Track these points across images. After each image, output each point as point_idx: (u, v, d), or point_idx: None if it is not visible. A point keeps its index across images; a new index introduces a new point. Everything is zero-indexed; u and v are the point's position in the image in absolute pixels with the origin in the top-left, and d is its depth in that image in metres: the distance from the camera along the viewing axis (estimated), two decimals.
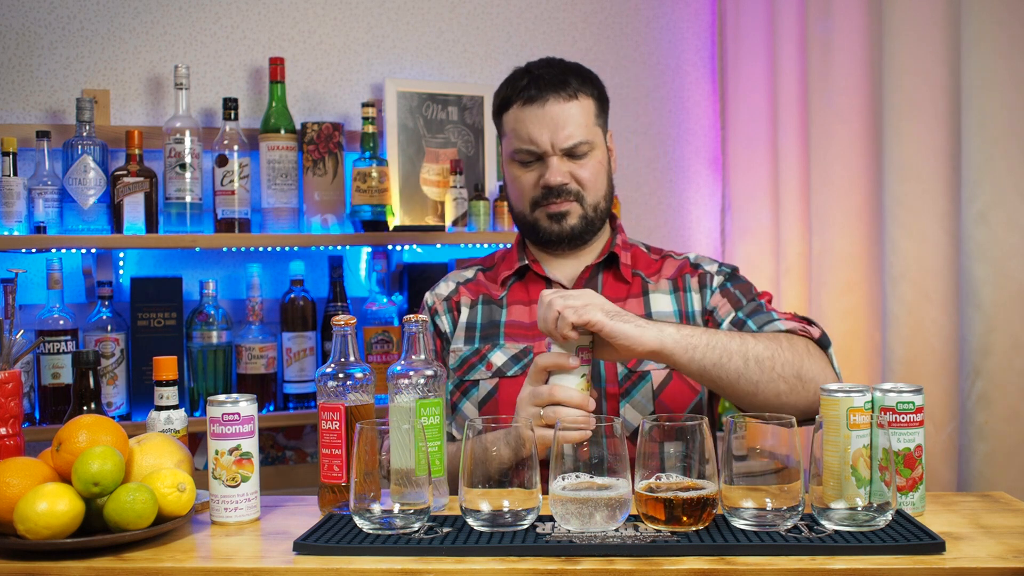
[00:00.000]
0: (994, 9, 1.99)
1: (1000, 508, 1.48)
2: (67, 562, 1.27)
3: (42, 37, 2.58)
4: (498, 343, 1.82)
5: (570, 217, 1.82)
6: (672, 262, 1.89)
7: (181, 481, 1.38)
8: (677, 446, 1.36)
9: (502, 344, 1.82)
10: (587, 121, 1.80)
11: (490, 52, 2.90)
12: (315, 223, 2.60)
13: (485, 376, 1.80)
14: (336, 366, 1.49)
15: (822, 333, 1.70)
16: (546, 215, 1.82)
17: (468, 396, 1.82)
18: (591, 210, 1.83)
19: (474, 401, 1.80)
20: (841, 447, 1.32)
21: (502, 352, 1.81)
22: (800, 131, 2.65)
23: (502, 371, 1.79)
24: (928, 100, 2.17)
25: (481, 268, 1.97)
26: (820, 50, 2.50)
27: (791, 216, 2.67)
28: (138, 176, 2.44)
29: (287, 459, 2.73)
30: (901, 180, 2.21)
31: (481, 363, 1.81)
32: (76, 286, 2.55)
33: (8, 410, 1.50)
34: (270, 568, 1.26)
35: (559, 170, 1.79)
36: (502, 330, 1.84)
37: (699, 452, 1.35)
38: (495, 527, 1.33)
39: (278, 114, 2.59)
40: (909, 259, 2.20)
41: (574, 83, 1.80)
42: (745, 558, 1.23)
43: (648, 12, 3.04)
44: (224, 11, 2.70)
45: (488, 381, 1.79)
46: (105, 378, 2.42)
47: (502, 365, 1.79)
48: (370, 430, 1.35)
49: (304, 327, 2.59)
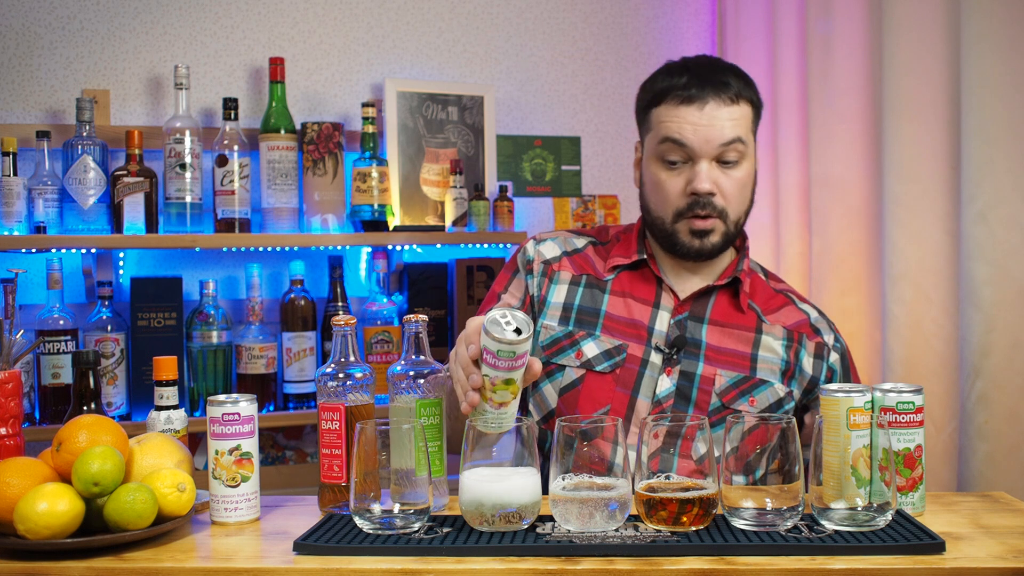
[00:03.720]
0: (994, 9, 1.99)
1: (1000, 508, 1.48)
2: (67, 562, 1.27)
3: (42, 37, 2.58)
4: (594, 333, 1.74)
5: (713, 235, 1.71)
6: (793, 312, 1.79)
7: (181, 481, 1.38)
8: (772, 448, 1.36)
9: (597, 335, 1.73)
10: (745, 127, 1.70)
11: (490, 52, 2.90)
12: (315, 223, 2.60)
13: (573, 364, 1.72)
14: (336, 366, 1.49)
15: None
16: (689, 229, 1.71)
17: (551, 379, 1.74)
18: (732, 226, 1.73)
19: (556, 386, 1.74)
20: (841, 447, 1.32)
21: (596, 344, 1.73)
22: (800, 131, 2.65)
23: (591, 364, 1.72)
24: (928, 100, 2.17)
25: (593, 241, 1.85)
26: (820, 50, 2.50)
27: (791, 216, 2.67)
28: (138, 176, 2.44)
29: (287, 459, 2.73)
30: (901, 180, 2.21)
31: (572, 348, 1.73)
32: (76, 286, 2.55)
33: (8, 410, 1.50)
34: (270, 568, 1.26)
35: (708, 176, 1.67)
36: (601, 320, 1.75)
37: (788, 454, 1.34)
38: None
39: (278, 114, 2.59)
40: (909, 259, 2.20)
41: (736, 85, 1.69)
42: (745, 558, 1.23)
43: (648, 12, 3.04)
44: (224, 11, 2.70)
45: (575, 370, 1.72)
46: (105, 378, 2.42)
47: (592, 358, 1.72)
48: (370, 430, 1.35)
49: (304, 327, 2.59)
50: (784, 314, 1.79)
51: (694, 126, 1.67)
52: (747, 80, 1.74)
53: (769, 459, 1.35)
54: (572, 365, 1.72)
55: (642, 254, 1.78)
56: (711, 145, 1.67)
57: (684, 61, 1.75)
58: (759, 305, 1.78)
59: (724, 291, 1.78)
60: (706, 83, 1.68)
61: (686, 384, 1.70)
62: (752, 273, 1.83)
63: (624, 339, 1.73)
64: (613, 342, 1.72)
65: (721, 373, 1.70)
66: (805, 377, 1.74)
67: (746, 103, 1.71)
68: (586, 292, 1.77)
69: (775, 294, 1.82)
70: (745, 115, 1.70)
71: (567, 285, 1.78)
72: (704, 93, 1.68)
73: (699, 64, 1.73)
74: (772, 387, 1.71)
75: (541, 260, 1.81)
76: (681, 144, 1.68)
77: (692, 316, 1.74)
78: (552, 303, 1.77)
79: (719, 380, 1.70)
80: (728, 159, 1.69)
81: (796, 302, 1.82)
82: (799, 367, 1.74)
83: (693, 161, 1.69)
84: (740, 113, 1.69)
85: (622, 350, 1.72)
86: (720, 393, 1.69)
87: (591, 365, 1.71)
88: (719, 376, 1.70)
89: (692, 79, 1.69)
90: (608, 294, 1.77)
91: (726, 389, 1.70)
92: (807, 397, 1.76)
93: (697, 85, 1.68)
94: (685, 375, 1.70)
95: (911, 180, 2.20)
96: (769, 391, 1.71)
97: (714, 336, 1.73)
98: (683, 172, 1.70)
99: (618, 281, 1.78)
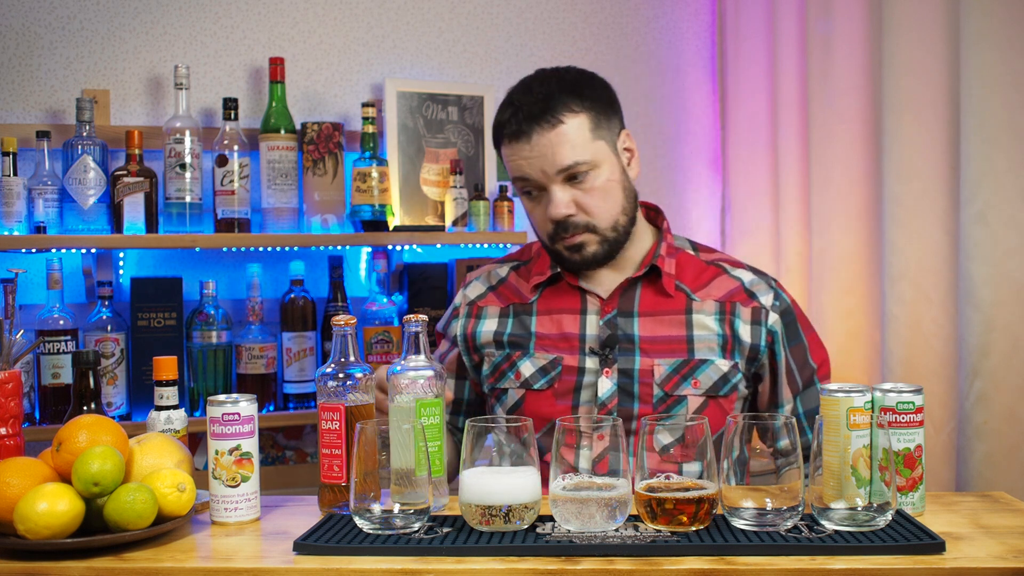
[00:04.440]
0: (993, 9, 1.99)
1: (1000, 508, 1.48)
2: (67, 562, 1.27)
3: (42, 37, 2.58)
4: (528, 352, 1.78)
5: (588, 247, 1.72)
6: (725, 281, 1.78)
7: (181, 481, 1.38)
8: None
9: (532, 354, 1.77)
10: (580, 141, 1.67)
11: (490, 52, 2.90)
12: (315, 223, 2.60)
13: (514, 385, 1.77)
14: (336, 366, 1.49)
15: None
16: (564, 248, 1.73)
17: (499, 402, 1.81)
18: (609, 232, 1.72)
19: (504, 408, 1.79)
20: (841, 447, 1.32)
21: (531, 362, 1.77)
22: (800, 131, 2.65)
23: (529, 383, 1.76)
24: (928, 100, 2.17)
25: (515, 264, 1.89)
26: (820, 50, 2.50)
27: (791, 216, 2.67)
28: (138, 176, 2.43)
29: (287, 459, 2.73)
30: (901, 180, 2.21)
31: (511, 371, 1.78)
32: (76, 286, 2.55)
33: (8, 410, 1.50)
34: (270, 568, 1.26)
35: (562, 201, 1.68)
36: (533, 340, 1.78)
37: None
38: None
39: (278, 114, 2.59)
40: (908, 259, 2.20)
41: (558, 106, 1.67)
42: (745, 558, 1.23)
43: (648, 12, 3.04)
44: (224, 11, 2.70)
45: (516, 391, 1.77)
46: (105, 378, 2.42)
47: (530, 376, 1.76)
48: (370, 430, 1.35)
49: (304, 327, 2.59)
50: (715, 286, 1.77)
51: (527, 160, 1.69)
52: (576, 87, 1.70)
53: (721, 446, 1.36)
54: (513, 387, 1.77)
55: (555, 268, 1.80)
56: (548, 175, 1.68)
57: (510, 95, 1.74)
58: (688, 284, 1.78)
59: (648, 280, 1.78)
60: (527, 116, 1.68)
61: (627, 381, 1.72)
62: (678, 251, 1.82)
63: (558, 352, 1.76)
64: (547, 357, 1.76)
65: (659, 363, 1.72)
66: (745, 346, 1.73)
67: (574, 115, 1.68)
68: (515, 321, 1.81)
69: (706, 267, 1.81)
70: (577, 128, 1.68)
71: (496, 318, 1.83)
72: (527, 127, 1.68)
73: (521, 92, 1.72)
74: (713, 364, 1.72)
75: (467, 303, 1.87)
76: (525, 177, 1.70)
77: (621, 312, 1.76)
78: (483, 332, 1.82)
79: (658, 370, 1.71)
80: (577, 175, 1.68)
81: (728, 270, 1.80)
82: (736, 337, 1.73)
83: (546, 187, 1.70)
84: (571, 130, 1.67)
85: (557, 364, 1.75)
86: (661, 383, 1.71)
87: (529, 384, 1.76)
88: (657, 366, 1.71)
89: (514, 114, 1.70)
90: (535, 315, 1.80)
91: (666, 377, 1.71)
92: (754, 365, 1.75)
93: (518, 120, 1.69)
94: (624, 372, 1.72)
95: (911, 180, 2.20)
96: (711, 369, 1.72)
97: (647, 327, 1.74)
98: (542, 199, 1.72)
99: (543, 300, 1.81)
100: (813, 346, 1.80)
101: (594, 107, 1.71)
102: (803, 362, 1.77)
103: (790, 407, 1.76)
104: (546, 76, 1.74)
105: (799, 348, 1.77)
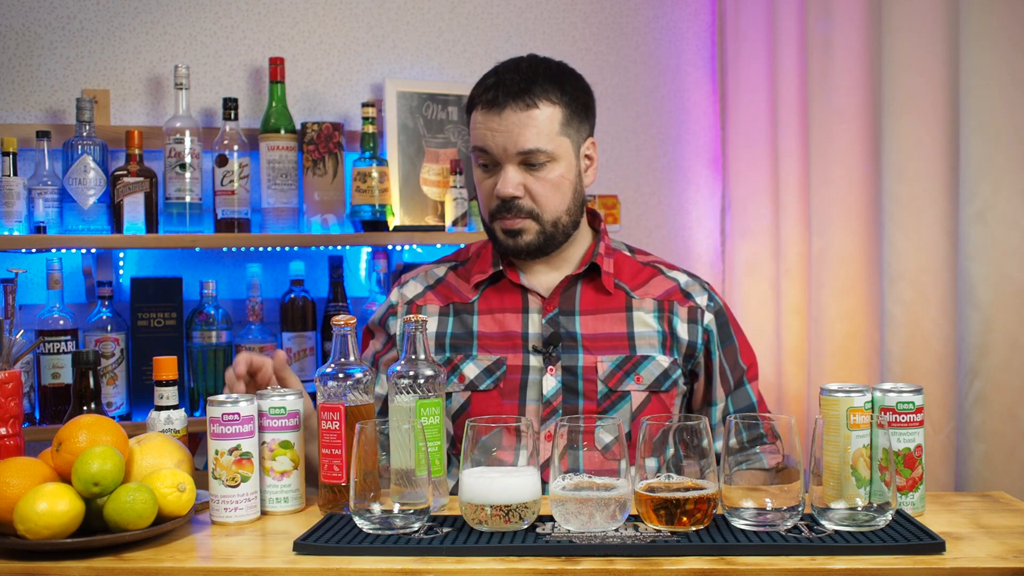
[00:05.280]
0: (993, 9, 1.99)
1: (1000, 508, 1.48)
2: (67, 562, 1.27)
3: (42, 37, 2.58)
4: (471, 354, 1.77)
5: (525, 234, 1.74)
6: (662, 281, 1.82)
7: (181, 481, 1.38)
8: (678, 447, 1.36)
9: (475, 356, 1.77)
10: (548, 130, 1.70)
11: (490, 52, 2.90)
12: (315, 223, 2.60)
13: (458, 389, 1.76)
14: (336, 366, 1.49)
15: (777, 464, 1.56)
16: (501, 229, 1.75)
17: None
18: (549, 226, 1.74)
19: (448, 413, 1.76)
20: (841, 447, 1.32)
21: (475, 364, 1.76)
22: (800, 131, 2.65)
23: (474, 384, 1.75)
24: (927, 100, 2.17)
25: (453, 265, 1.89)
26: (820, 50, 2.50)
27: (791, 216, 2.67)
28: (138, 176, 2.44)
29: None
30: (900, 180, 2.21)
31: (454, 374, 1.76)
32: (76, 286, 2.55)
33: (8, 410, 1.50)
34: (270, 568, 1.26)
35: (512, 181, 1.70)
36: (475, 341, 1.78)
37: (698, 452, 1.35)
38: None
39: (278, 114, 2.59)
40: (908, 259, 2.20)
41: (538, 91, 1.70)
42: (745, 558, 1.23)
43: (648, 12, 3.04)
44: (224, 11, 2.70)
45: (461, 394, 1.76)
46: (105, 378, 2.42)
47: (475, 378, 1.75)
48: (370, 430, 1.35)
49: (304, 327, 2.59)
50: (653, 285, 1.82)
51: (493, 132, 1.71)
52: (557, 81, 1.73)
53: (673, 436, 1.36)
54: (457, 390, 1.76)
55: (497, 266, 1.81)
56: (509, 153, 1.70)
57: (497, 67, 1.77)
58: (627, 282, 1.81)
59: (588, 279, 1.81)
60: (506, 89, 1.70)
61: (570, 378, 1.74)
62: (615, 252, 1.85)
63: (501, 352, 1.76)
64: (491, 358, 1.76)
65: (602, 359, 1.74)
66: (683, 343, 1.78)
67: (550, 104, 1.71)
68: (456, 320, 1.81)
69: (642, 267, 1.85)
70: (549, 117, 1.70)
71: (436, 317, 1.82)
72: (503, 99, 1.70)
73: (508, 68, 1.74)
74: (655, 360, 1.75)
75: (404, 302, 1.85)
76: (485, 148, 1.72)
77: (563, 311, 1.78)
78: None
79: (601, 366, 1.74)
80: (534, 162, 1.71)
81: (664, 271, 1.85)
82: (674, 335, 1.77)
83: (501, 165, 1.72)
84: (542, 117, 1.70)
85: (501, 363, 1.76)
86: (604, 379, 1.73)
87: (474, 386, 1.75)
88: (600, 363, 1.74)
89: (494, 84, 1.72)
90: (477, 315, 1.80)
91: (610, 374, 1.74)
92: (691, 363, 1.79)
93: (496, 91, 1.71)
94: (567, 370, 1.74)
95: (910, 180, 2.20)
96: (652, 365, 1.75)
97: (588, 325, 1.77)
98: (494, 174, 1.74)
99: (484, 299, 1.81)
100: (743, 347, 1.84)
101: (571, 105, 1.74)
102: (734, 363, 1.81)
103: (722, 406, 1.80)
104: (536, 61, 1.77)
105: (731, 348, 1.82)
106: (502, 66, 1.76)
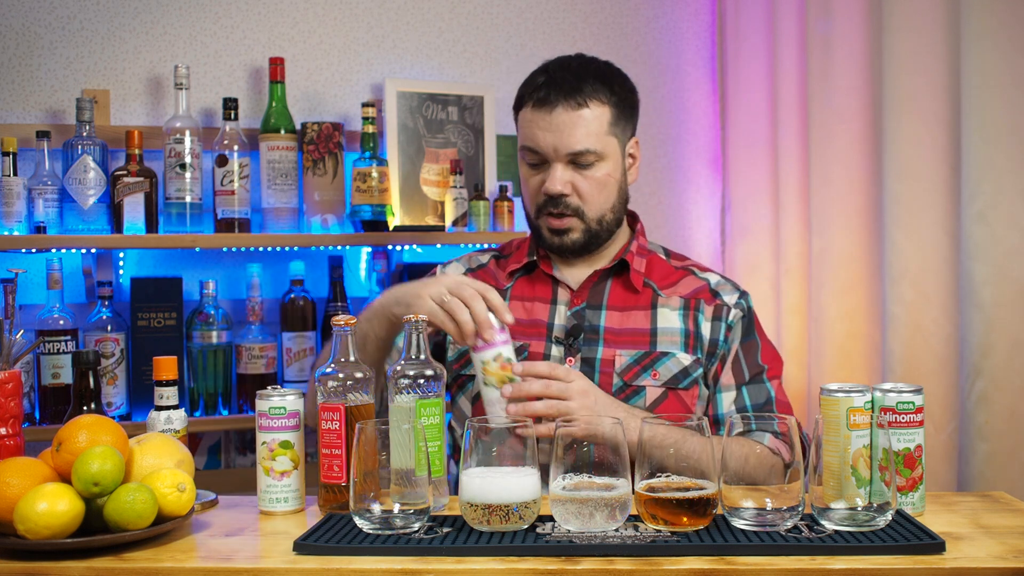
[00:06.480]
0: (994, 8, 1.99)
1: (1000, 508, 1.48)
2: (67, 562, 1.27)
3: (42, 37, 2.58)
4: None
5: (572, 233, 1.78)
6: (692, 281, 1.85)
7: (181, 481, 1.38)
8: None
9: None
10: (597, 130, 1.74)
11: (490, 52, 2.90)
12: (315, 223, 2.60)
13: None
14: (336, 366, 1.49)
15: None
16: (548, 227, 1.79)
17: (463, 390, 1.83)
18: (595, 223, 1.78)
19: (468, 396, 1.81)
20: (841, 447, 1.32)
21: None
22: (800, 131, 2.65)
23: None
24: (928, 100, 2.17)
25: (496, 255, 1.95)
26: (820, 50, 2.50)
27: (791, 216, 2.67)
28: (138, 176, 2.43)
29: None
30: (901, 180, 2.21)
31: None
32: (76, 286, 2.55)
33: (8, 410, 1.51)
34: (270, 568, 1.26)
35: (560, 178, 1.74)
36: None
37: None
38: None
39: (278, 114, 2.59)
40: (909, 259, 2.20)
41: (588, 90, 1.73)
42: (745, 558, 1.23)
43: (648, 12, 3.04)
44: (224, 11, 2.70)
45: None
46: (105, 378, 2.42)
47: None
48: (370, 430, 1.35)
49: (304, 327, 2.59)
50: (682, 285, 1.84)
51: (543, 132, 1.74)
52: (606, 82, 1.76)
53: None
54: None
55: (532, 256, 1.85)
56: (559, 152, 1.73)
57: (546, 65, 1.79)
58: (656, 281, 1.83)
59: (618, 275, 1.84)
60: (557, 88, 1.73)
61: (588, 369, 1.76)
62: (649, 253, 1.88)
63: (526, 339, 1.79)
64: (515, 344, 1.76)
65: (620, 353, 1.76)
66: (705, 342, 1.79)
67: (600, 104, 1.74)
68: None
69: (675, 270, 1.87)
70: (598, 117, 1.74)
71: None
72: (554, 98, 1.73)
73: (559, 66, 1.77)
74: (675, 357, 1.76)
75: None
76: (535, 146, 1.75)
77: (590, 305, 1.80)
78: None
79: (619, 360, 1.75)
80: (582, 162, 1.74)
81: (696, 272, 1.87)
82: (698, 334, 1.79)
83: (549, 162, 1.75)
84: (592, 116, 1.73)
85: (523, 350, 1.78)
86: (620, 372, 1.75)
87: None
88: (619, 356, 1.76)
89: (545, 83, 1.75)
90: (508, 301, 1.83)
91: (626, 368, 1.75)
92: (712, 361, 1.79)
93: (547, 89, 1.74)
94: (586, 361, 1.76)
95: (911, 180, 2.20)
96: (671, 362, 1.76)
97: (613, 320, 1.79)
98: (542, 171, 1.77)
99: (517, 287, 1.85)
100: (765, 347, 1.84)
101: (619, 105, 1.78)
102: (752, 358, 1.81)
103: (731, 395, 1.79)
104: (586, 60, 1.80)
105: (751, 344, 1.82)
106: (552, 64, 1.79)
